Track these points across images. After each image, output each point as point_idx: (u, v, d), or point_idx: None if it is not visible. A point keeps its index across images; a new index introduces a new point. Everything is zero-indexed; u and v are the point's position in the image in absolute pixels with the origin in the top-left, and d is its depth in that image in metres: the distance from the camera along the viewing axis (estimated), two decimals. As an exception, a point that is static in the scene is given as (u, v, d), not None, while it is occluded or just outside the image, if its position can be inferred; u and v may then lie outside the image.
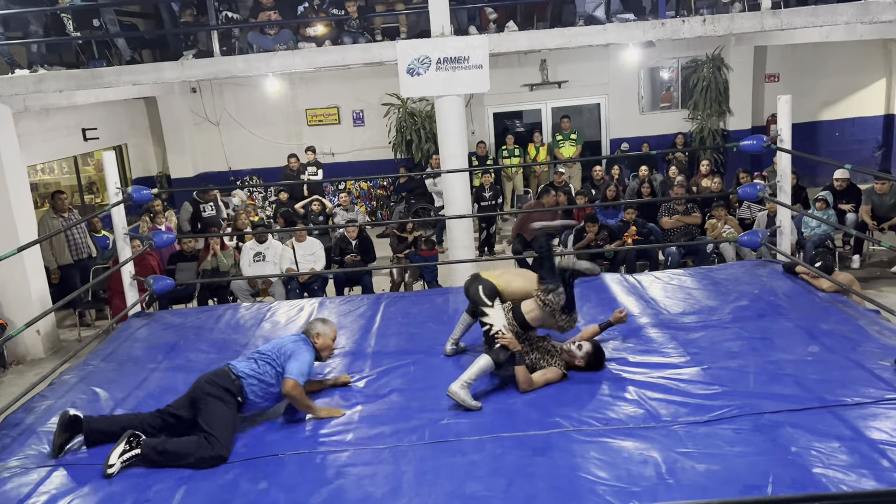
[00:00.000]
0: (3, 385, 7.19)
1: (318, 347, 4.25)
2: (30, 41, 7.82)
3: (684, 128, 12.44)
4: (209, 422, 3.74)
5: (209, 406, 3.80)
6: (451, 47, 7.16)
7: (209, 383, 3.89)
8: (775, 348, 4.50)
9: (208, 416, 3.77)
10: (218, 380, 3.91)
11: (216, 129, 12.57)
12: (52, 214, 8.57)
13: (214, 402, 3.81)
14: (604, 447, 3.51)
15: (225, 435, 3.72)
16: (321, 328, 4.30)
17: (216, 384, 3.88)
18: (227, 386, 3.88)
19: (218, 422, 3.74)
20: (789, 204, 6.05)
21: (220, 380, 3.91)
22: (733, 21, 7.35)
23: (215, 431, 3.70)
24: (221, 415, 3.79)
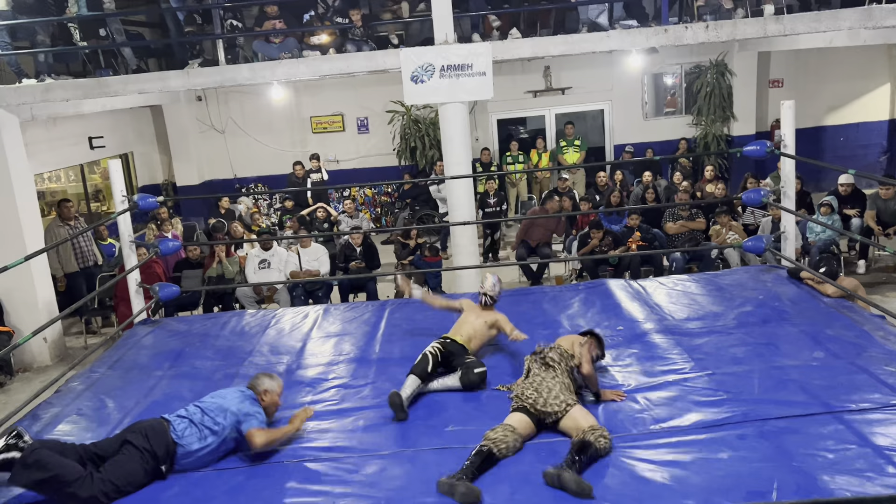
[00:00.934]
0: (10, 392, 7.22)
1: (266, 405, 3.96)
2: (37, 51, 7.88)
3: (688, 133, 12.44)
4: (114, 469, 3.49)
5: (127, 458, 3.54)
6: (454, 55, 7.18)
7: (143, 437, 3.61)
8: (780, 354, 4.49)
9: (119, 465, 3.52)
10: (153, 439, 3.61)
11: (221, 136, 12.62)
12: (59, 223, 8.61)
13: (133, 460, 3.54)
14: (609, 454, 3.50)
15: (118, 486, 3.45)
16: (268, 384, 4.01)
17: (149, 443, 3.59)
18: (158, 451, 3.59)
19: (123, 474, 3.49)
20: (793, 209, 6.04)
21: (155, 440, 3.61)
22: (736, 27, 7.35)
23: (112, 477, 3.45)
24: (131, 472, 3.52)
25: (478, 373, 4.35)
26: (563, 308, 5.60)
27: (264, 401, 3.97)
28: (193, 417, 3.78)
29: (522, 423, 3.69)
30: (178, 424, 3.73)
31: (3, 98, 7.41)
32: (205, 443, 3.71)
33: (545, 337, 5.05)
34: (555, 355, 4.04)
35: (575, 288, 6.14)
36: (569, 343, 4.21)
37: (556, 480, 3.22)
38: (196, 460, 3.70)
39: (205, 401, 3.92)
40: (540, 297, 5.93)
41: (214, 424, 3.75)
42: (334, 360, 5.02)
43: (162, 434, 3.65)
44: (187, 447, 3.67)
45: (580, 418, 3.63)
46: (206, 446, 3.71)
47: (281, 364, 5.00)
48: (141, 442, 3.60)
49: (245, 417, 3.77)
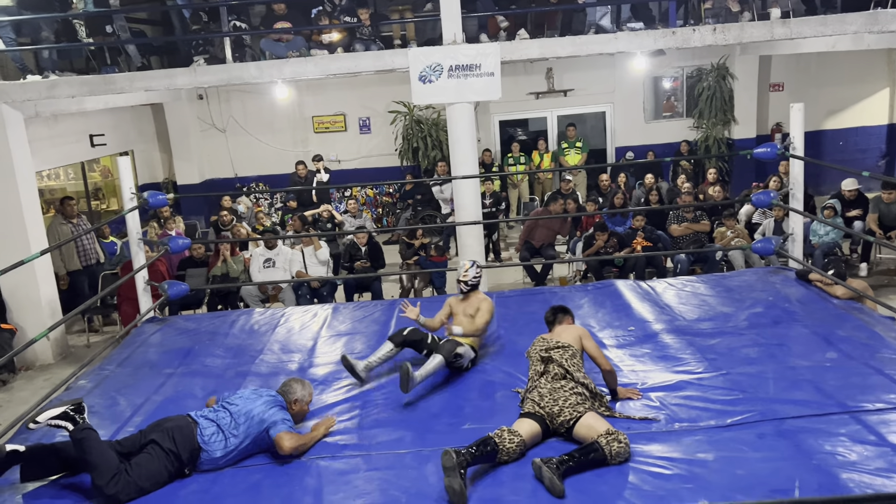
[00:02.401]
0: (13, 390, 7.17)
1: (295, 413, 3.94)
2: (43, 47, 7.84)
3: (689, 136, 12.48)
4: (138, 470, 3.49)
5: (151, 459, 3.54)
6: (463, 55, 7.19)
7: (170, 438, 3.59)
8: (793, 354, 4.52)
9: (142, 465, 3.51)
10: (179, 442, 3.60)
11: (223, 135, 12.58)
12: (62, 220, 8.57)
13: (157, 461, 3.54)
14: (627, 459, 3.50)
15: (141, 487, 3.46)
16: (300, 394, 3.99)
17: (175, 445, 3.58)
18: (183, 454, 3.58)
19: (146, 475, 3.49)
20: (802, 211, 6.07)
21: (182, 443, 3.60)
22: (743, 30, 7.39)
23: (136, 478, 3.46)
24: (155, 473, 3.52)
25: (448, 341, 4.47)
26: (574, 308, 5.53)
27: (293, 409, 3.95)
28: (221, 422, 3.73)
29: (531, 432, 3.63)
30: (206, 428, 3.69)
31: (9, 94, 7.36)
32: (227, 450, 3.68)
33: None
34: (565, 361, 3.91)
35: (584, 288, 6.16)
36: (571, 337, 4.10)
37: (538, 472, 3.28)
38: (217, 466, 3.69)
39: (234, 403, 3.85)
40: (549, 297, 5.94)
41: (240, 432, 3.71)
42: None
43: (189, 438, 3.63)
44: (211, 454, 3.65)
45: (595, 424, 3.56)
46: (229, 454, 3.69)
47: (293, 363, 4.99)
48: (167, 444, 3.57)
49: (273, 424, 3.72)
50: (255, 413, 3.76)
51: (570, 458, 3.34)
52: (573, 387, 3.78)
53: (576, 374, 3.86)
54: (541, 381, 3.87)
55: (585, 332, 4.20)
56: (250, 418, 3.74)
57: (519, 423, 3.68)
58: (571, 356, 3.95)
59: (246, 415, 3.76)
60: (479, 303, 4.77)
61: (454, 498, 3.21)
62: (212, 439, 3.66)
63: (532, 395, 3.83)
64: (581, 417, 3.62)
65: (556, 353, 3.96)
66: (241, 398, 3.88)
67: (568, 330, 4.20)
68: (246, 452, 3.75)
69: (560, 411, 3.66)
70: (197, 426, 3.69)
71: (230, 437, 3.69)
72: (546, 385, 3.81)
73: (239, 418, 3.75)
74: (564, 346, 4.01)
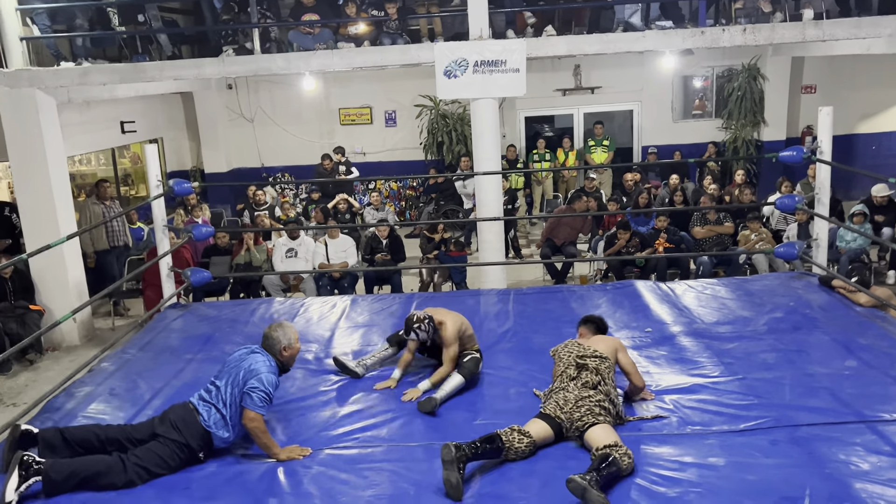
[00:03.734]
0: (40, 370, 7.34)
1: (285, 361, 3.87)
2: (76, 34, 7.98)
3: (717, 137, 12.34)
4: (146, 454, 3.54)
5: (159, 446, 3.58)
6: (488, 50, 7.18)
7: (176, 429, 3.61)
8: (811, 361, 4.47)
9: (151, 450, 3.56)
10: (185, 430, 3.62)
11: (250, 125, 12.71)
12: (94, 201, 8.77)
13: (166, 447, 3.58)
14: (638, 453, 3.50)
15: (149, 470, 3.52)
16: (284, 338, 3.85)
17: (182, 436, 3.60)
18: (192, 442, 3.61)
19: (155, 460, 3.54)
20: (827, 216, 5.99)
21: (188, 432, 3.62)
22: (774, 31, 7.29)
23: (145, 463, 3.51)
24: (164, 457, 3.56)
25: (469, 359, 4.40)
26: (591, 308, 5.58)
27: (284, 355, 3.86)
28: (217, 402, 3.72)
29: (543, 435, 3.61)
30: (206, 411, 3.70)
31: (43, 80, 7.51)
32: (230, 430, 3.71)
33: (573, 335, 5.07)
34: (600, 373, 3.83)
35: (603, 288, 6.14)
36: (608, 349, 4.02)
37: (581, 493, 3.10)
38: (229, 443, 3.74)
39: (220, 378, 3.81)
40: (568, 295, 5.93)
41: (233, 404, 3.69)
42: (362, 349, 5.05)
43: (193, 424, 3.65)
44: (219, 434, 3.69)
45: (603, 435, 3.51)
46: (234, 428, 3.72)
47: (309, 352, 5.04)
48: (174, 436, 3.61)
49: (256, 384, 3.65)
50: (239, 375, 3.72)
51: (599, 470, 3.23)
52: (601, 399, 3.71)
53: (607, 389, 3.80)
54: (570, 385, 3.80)
55: (622, 346, 4.15)
56: (237, 383, 3.71)
57: (532, 424, 3.66)
58: (607, 368, 3.89)
59: (233, 385, 3.73)
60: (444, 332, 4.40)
61: (450, 491, 3.25)
62: (213, 420, 3.68)
63: (557, 397, 3.77)
64: (596, 425, 3.59)
65: (592, 362, 3.89)
66: (225, 371, 3.82)
67: (605, 341, 4.15)
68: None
69: (580, 418, 3.63)
70: (197, 412, 3.70)
71: (227, 414, 3.70)
72: (574, 391, 3.75)
73: (231, 387, 3.72)
74: (602, 357, 3.93)
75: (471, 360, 4.41)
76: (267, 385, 3.69)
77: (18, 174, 7.75)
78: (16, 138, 7.56)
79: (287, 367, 3.92)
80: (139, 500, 3.40)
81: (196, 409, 3.72)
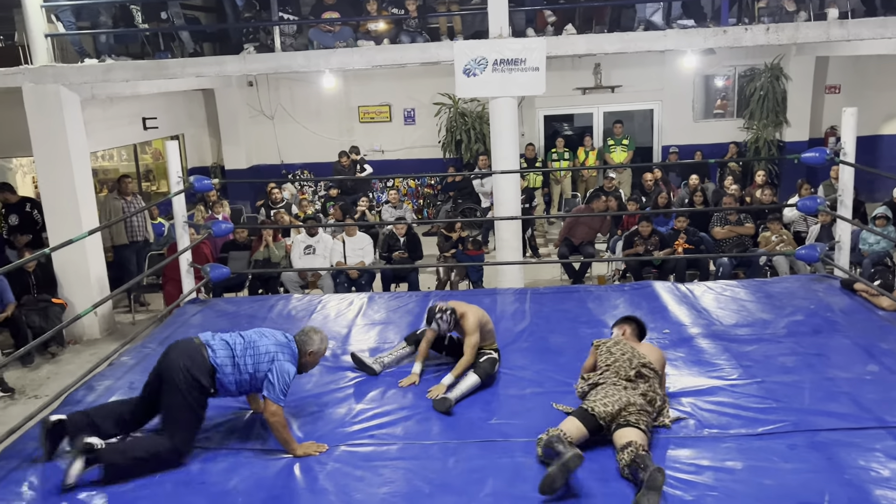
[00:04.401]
0: (62, 363, 7.45)
1: (305, 363, 3.89)
2: (101, 31, 8.07)
3: (738, 137, 12.22)
4: (173, 419, 3.61)
5: (177, 403, 3.60)
6: (508, 49, 7.17)
7: (183, 371, 3.59)
8: (831, 365, 4.42)
9: (173, 413, 3.61)
10: (193, 369, 3.60)
11: (270, 122, 12.79)
12: (115, 196, 8.88)
13: (183, 401, 3.59)
14: (655, 455, 3.48)
15: (186, 434, 3.62)
16: (317, 345, 3.89)
17: (190, 375, 3.59)
18: (201, 378, 3.61)
19: (182, 420, 3.61)
20: (850, 218, 5.91)
21: (196, 369, 3.61)
22: (798, 30, 7.20)
23: (176, 427, 3.59)
24: (187, 416, 3.62)
25: (485, 359, 4.38)
26: (609, 308, 5.57)
27: (305, 359, 3.87)
28: (236, 349, 3.72)
29: (578, 435, 3.51)
30: (218, 350, 3.69)
31: (67, 77, 7.61)
32: (239, 379, 3.70)
33: (590, 336, 5.05)
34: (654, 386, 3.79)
35: (620, 288, 6.11)
36: (659, 363, 3.97)
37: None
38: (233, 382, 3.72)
39: (249, 335, 3.82)
40: (585, 295, 5.91)
41: (248, 363, 3.70)
42: (379, 347, 5.07)
43: (201, 363, 3.63)
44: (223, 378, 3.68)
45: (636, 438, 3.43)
46: (239, 383, 3.72)
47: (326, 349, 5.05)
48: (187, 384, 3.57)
49: (277, 374, 3.66)
50: (269, 348, 3.73)
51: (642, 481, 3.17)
52: (650, 412, 3.68)
53: (658, 401, 3.77)
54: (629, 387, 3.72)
55: (662, 355, 4.12)
56: (261, 354, 3.72)
57: (569, 424, 3.54)
58: (659, 384, 3.90)
59: (256, 349, 3.73)
60: (465, 322, 4.45)
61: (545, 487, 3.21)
62: (223, 363, 3.68)
63: (609, 397, 3.63)
64: (629, 427, 3.52)
65: (647, 372, 3.85)
66: (255, 334, 3.84)
67: (654, 353, 4.06)
68: (244, 388, 3.78)
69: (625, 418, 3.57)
70: (207, 348, 3.69)
71: (241, 366, 3.70)
72: (632, 395, 3.66)
73: (253, 346, 3.74)
74: (655, 371, 3.90)
75: (487, 360, 4.41)
76: (290, 378, 3.71)
77: (42, 169, 7.86)
78: (40, 134, 7.66)
79: (303, 369, 3.93)
80: (156, 495, 3.43)
81: (205, 344, 3.70)
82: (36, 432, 3.95)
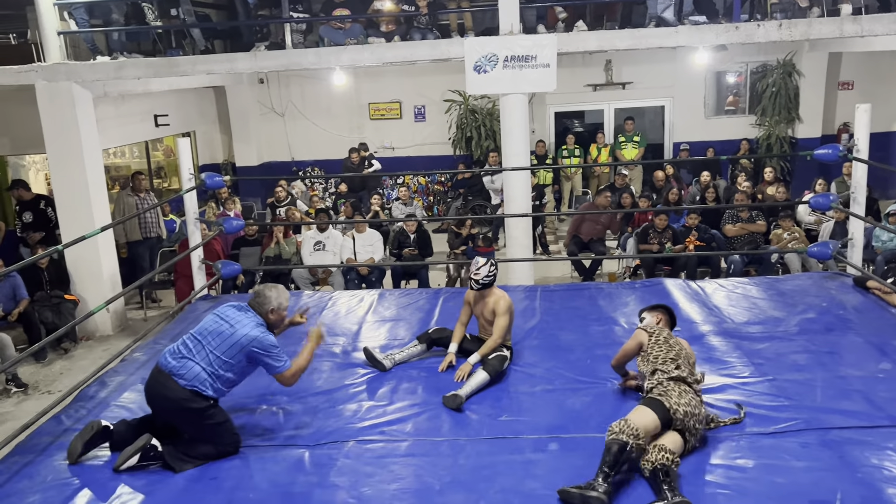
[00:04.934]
0: (74, 359, 7.50)
1: (272, 323, 3.76)
2: (113, 29, 8.11)
3: (750, 134, 12.15)
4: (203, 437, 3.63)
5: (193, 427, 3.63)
6: (519, 46, 7.15)
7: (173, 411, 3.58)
8: (844, 363, 4.39)
9: (198, 434, 3.63)
10: (179, 402, 3.55)
11: (281, 119, 12.82)
12: (129, 193, 8.93)
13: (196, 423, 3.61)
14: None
15: (224, 437, 3.65)
16: (275, 300, 3.74)
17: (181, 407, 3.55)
18: (191, 404, 3.56)
19: (211, 435, 3.63)
20: (863, 215, 5.87)
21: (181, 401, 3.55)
22: (811, 26, 7.15)
23: (213, 440, 3.63)
24: (212, 429, 3.63)
25: (495, 356, 4.41)
26: (620, 305, 5.56)
27: (270, 318, 3.76)
28: (193, 356, 3.61)
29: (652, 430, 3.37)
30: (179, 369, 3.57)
31: (79, 74, 7.65)
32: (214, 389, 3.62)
33: (601, 334, 5.06)
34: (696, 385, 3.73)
35: (631, 286, 6.09)
36: (693, 359, 3.97)
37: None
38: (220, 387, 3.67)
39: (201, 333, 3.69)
40: (595, 293, 5.90)
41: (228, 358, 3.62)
42: (389, 343, 5.08)
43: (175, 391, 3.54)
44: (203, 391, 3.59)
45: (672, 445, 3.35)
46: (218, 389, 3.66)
47: (337, 346, 5.08)
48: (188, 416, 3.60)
49: (264, 357, 3.63)
50: (235, 340, 3.63)
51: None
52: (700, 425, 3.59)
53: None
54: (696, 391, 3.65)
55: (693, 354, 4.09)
56: (230, 347, 3.62)
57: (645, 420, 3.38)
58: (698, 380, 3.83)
59: (223, 343, 3.63)
60: (496, 303, 4.56)
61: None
62: (191, 375, 3.57)
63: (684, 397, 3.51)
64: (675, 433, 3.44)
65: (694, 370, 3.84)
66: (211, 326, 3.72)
67: (689, 348, 4.04)
68: (238, 380, 3.74)
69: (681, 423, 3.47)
70: (172, 378, 3.58)
71: (216, 364, 3.61)
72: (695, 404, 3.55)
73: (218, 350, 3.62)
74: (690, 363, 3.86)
75: (497, 357, 4.42)
76: (271, 347, 3.65)
77: (55, 166, 7.91)
78: (53, 131, 7.71)
79: (273, 328, 3.80)
80: (169, 490, 3.45)
81: (170, 374, 3.58)
82: (51, 427, 4.00)
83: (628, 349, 3.99)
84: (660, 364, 3.74)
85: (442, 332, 4.80)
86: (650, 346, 3.86)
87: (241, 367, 3.71)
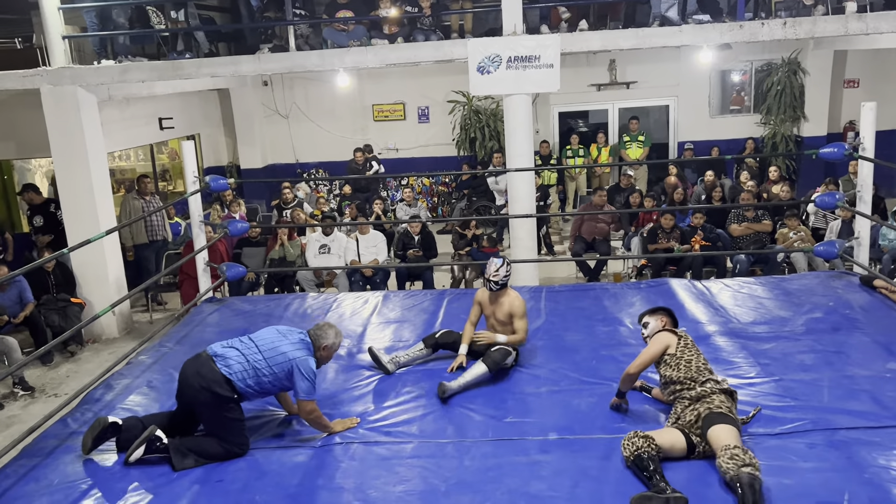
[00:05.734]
0: (81, 362, 7.52)
1: (320, 357, 3.90)
2: (118, 32, 8.13)
3: (755, 132, 12.11)
4: (215, 431, 3.70)
5: (210, 417, 3.71)
6: (522, 46, 7.14)
7: (201, 390, 3.66)
8: (851, 363, 4.37)
9: (213, 426, 3.71)
10: (208, 384, 3.65)
11: (285, 121, 12.84)
12: (135, 196, 8.95)
13: (215, 414, 3.69)
14: (670, 454, 3.46)
15: (235, 438, 3.70)
16: (331, 339, 3.92)
17: (209, 392, 3.65)
18: (219, 390, 3.65)
19: (223, 431, 3.69)
20: (869, 214, 5.84)
21: (211, 383, 3.65)
22: (815, 24, 7.12)
23: (225, 436, 3.68)
24: (227, 425, 3.70)
25: (497, 350, 4.42)
26: (625, 306, 5.55)
27: (320, 354, 3.89)
28: (248, 354, 3.76)
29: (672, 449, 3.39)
30: (226, 359, 3.72)
31: (84, 78, 7.68)
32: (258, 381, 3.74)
33: (606, 334, 5.04)
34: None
35: (637, 286, 6.08)
36: None
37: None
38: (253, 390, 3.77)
39: (261, 337, 3.87)
40: (601, 293, 5.89)
41: (265, 366, 3.73)
42: (394, 345, 5.08)
43: (217, 380, 3.67)
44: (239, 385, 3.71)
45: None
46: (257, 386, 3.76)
47: (342, 347, 5.05)
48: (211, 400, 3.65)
49: (302, 373, 3.71)
50: (283, 349, 3.77)
51: None
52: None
53: None
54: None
55: None
56: (277, 355, 3.76)
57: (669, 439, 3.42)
58: None
59: (272, 350, 3.78)
60: (511, 303, 4.58)
61: None
62: (237, 369, 3.71)
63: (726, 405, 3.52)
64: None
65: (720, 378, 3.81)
66: (267, 334, 3.91)
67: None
68: (267, 389, 3.82)
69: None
70: (215, 360, 3.73)
71: (259, 368, 3.73)
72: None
73: (264, 352, 3.77)
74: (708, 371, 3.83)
75: (499, 351, 4.42)
76: (314, 373, 3.78)
77: (60, 170, 7.94)
78: (58, 135, 7.74)
79: (318, 363, 3.92)
80: (174, 492, 3.46)
81: (213, 356, 3.74)
82: (58, 430, 4.01)
83: (653, 354, 3.82)
84: (694, 371, 3.67)
85: (449, 335, 4.78)
86: (680, 350, 3.79)
87: (277, 379, 3.78)
